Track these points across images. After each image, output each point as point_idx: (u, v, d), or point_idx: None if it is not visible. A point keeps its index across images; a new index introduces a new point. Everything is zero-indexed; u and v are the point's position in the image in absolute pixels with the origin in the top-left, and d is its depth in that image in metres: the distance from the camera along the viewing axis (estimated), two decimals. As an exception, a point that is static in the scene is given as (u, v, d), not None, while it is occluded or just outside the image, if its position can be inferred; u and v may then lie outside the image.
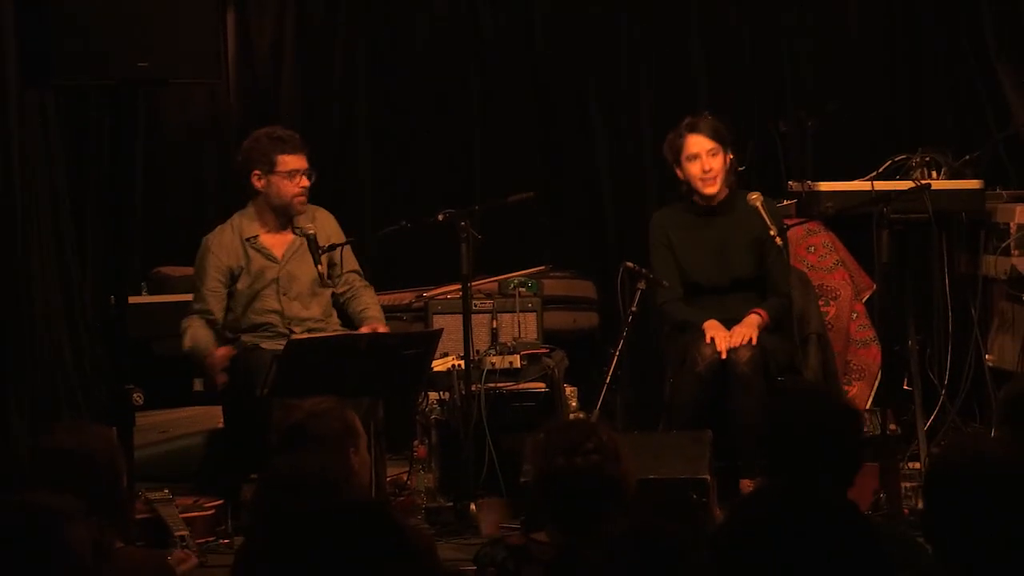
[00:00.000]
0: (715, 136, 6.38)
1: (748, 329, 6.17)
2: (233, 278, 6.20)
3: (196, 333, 6.12)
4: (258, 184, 6.18)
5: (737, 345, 6.11)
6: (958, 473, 2.96)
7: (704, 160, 6.38)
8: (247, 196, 6.29)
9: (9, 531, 2.85)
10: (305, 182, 6.17)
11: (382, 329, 6.19)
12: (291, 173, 6.14)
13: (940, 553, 2.94)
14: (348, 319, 6.40)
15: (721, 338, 6.14)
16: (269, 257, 6.22)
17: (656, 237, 6.54)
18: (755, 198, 6.31)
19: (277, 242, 6.24)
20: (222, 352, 6.02)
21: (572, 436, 3.69)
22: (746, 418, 6.02)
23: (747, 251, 6.38)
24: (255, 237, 6.21)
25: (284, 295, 6.21)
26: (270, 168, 6.14)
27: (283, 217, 6.21)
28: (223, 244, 6.22)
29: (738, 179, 6.55)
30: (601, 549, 2.70)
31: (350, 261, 6.38)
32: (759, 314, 6.26)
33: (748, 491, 5.98)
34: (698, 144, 6.39)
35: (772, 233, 6.15)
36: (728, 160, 6.41)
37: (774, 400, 4.10)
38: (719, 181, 6.39)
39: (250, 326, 6.21)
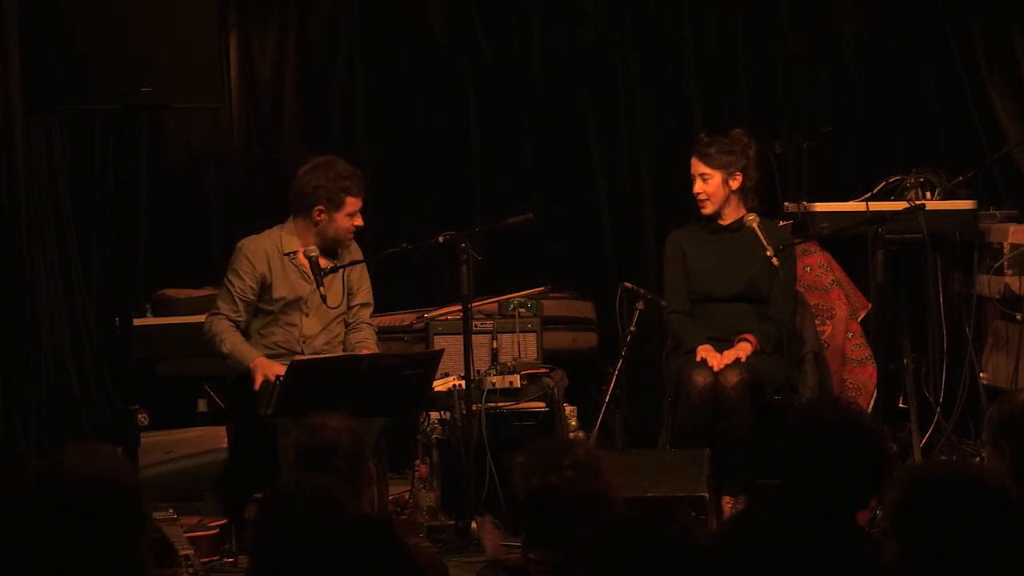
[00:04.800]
0: (708, 161, 6.46)
1: (737, 353, 6.27)
2: (263, 287, 6.23)
3: (234, 338, 6.13)
4: (318, 217, 6.21)
5: (726, 364, 6.22)
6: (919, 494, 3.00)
7: (696, 183, 6.48)
8: (285, 212, 6.32)
9: (93, 496, 2.98)
10: (360, 221, 6.24)
11: None
12: (352, 213, 6.22)
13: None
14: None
15: (714, 358, 6.24)
16: (304, 276, 6.26)
17: (671, 253, 6.63)
18: (751, 219, 6.40)
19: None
20: (262, 360, 6.05)
21: (548, 456, 3.72)
22: (731, 439, 6.12)
23: (752, 267, 6.44)
24: (294, 253, 6.26)
25: (306, 315, 6.25)
26: (336, 207, 6.20)
27: (328, 247, 6.26)
28: (258, 252, 6.22)
29: (757, 199, 6.61)
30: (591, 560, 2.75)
31: (365, 294, 6.42)
32: (749, 341, 6.34)
33: (732, 508, 6.06)
34: (693, 167, 6.50)
35: (768, 254, 6.23)
36: (733, 183, 6.46)
37: (802, 412, 4.08)
38: (710, 204, 6.47)
39: (264, 336, 6.24)
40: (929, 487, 2.93)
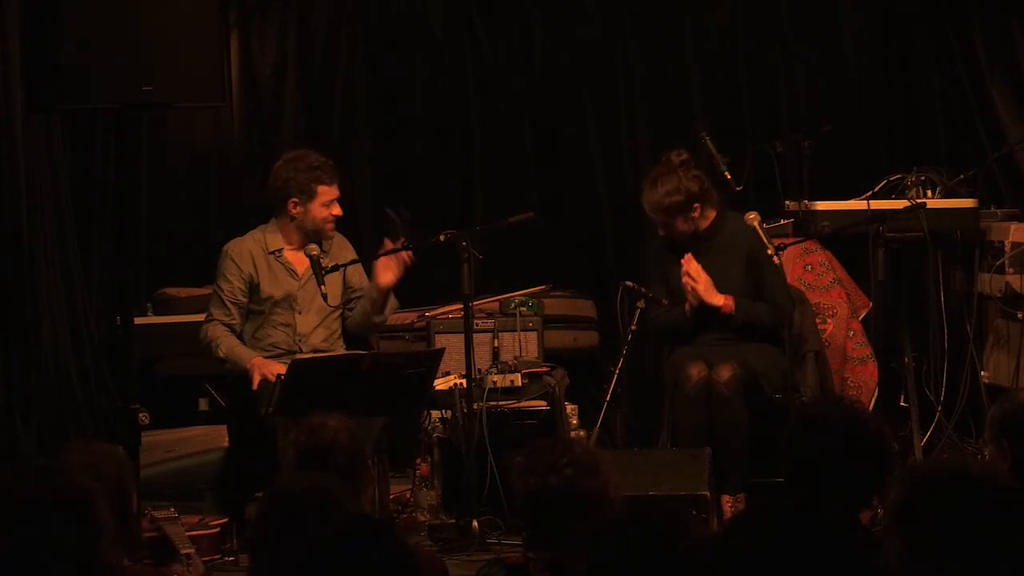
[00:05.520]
0: (665, 216, 6.38)
1: (714, 297, 6.28)
2: (252, 288, 6.25)
3: (229, 341, 6.15)
4: (294, 211, 6.23)
5: (700, 290, 6.25)
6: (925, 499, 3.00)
7: (661, 231, 6.45)
8: (270, 212, 6.34)
9: (44, 506, 2.94)
10: (338, 210, 6.24)
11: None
12: (326, 203, 6.22)
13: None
14: (353, 342, 6.44)
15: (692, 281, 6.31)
16: (291, 273, 6.27)
17: (651, 264, 6.63)
18: (752, 218, 6.36)
19: (298, 260, 6.29)
20: (259, 360, 6.07)
21: (547, 456, 3.70)
22: (726, 436, 6.12)
23: (734, 270, 6.41)
24: (279, 251, 6.27)
25: (299, 312, 6.26)
26: (309, 197, 6.21)
27: (311, 240, 6.27)
28: (243, 253, 6.25)
29: (728, 199, 6.59)
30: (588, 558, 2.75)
31: (364, 283, 6.42)
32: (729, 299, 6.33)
33: (732, 507, 6.06)
34: (651, 214, 6.44)
35: (769, 252, 6.20)
36: (695, 214, 6.40)
37: (805, 411, 4.08)
38: (687, 234, 6.42)
39: (260, 339, 6.25)
40: (931, 486, 2.92)
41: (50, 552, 2.94)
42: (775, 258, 6.18)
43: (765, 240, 6.24)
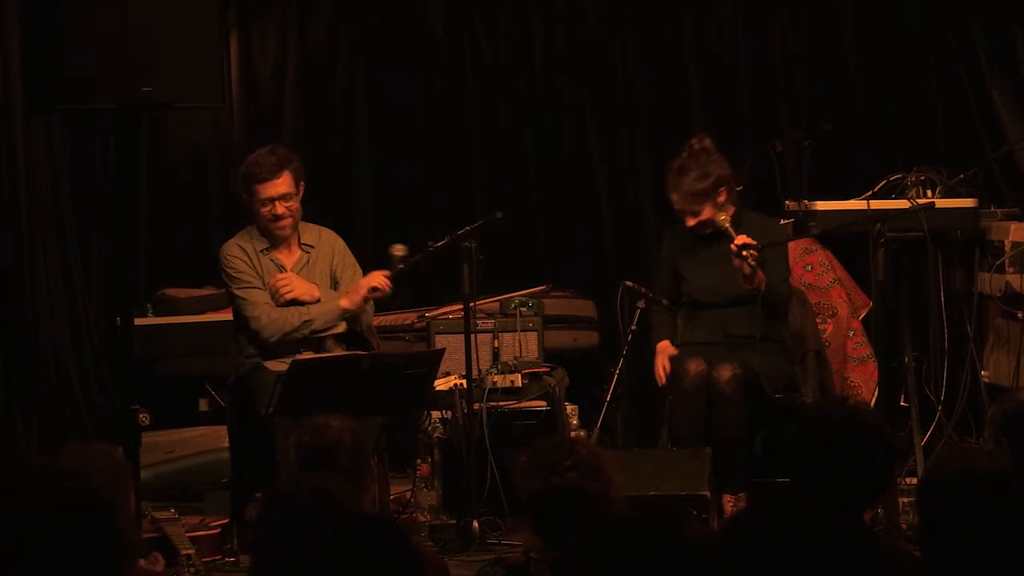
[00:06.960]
0: (694, 200, 6.31)
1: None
2: None
3: (301, 310, 6.12)
4: (246, 206, 6.25)
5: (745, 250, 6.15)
6: (950, 486, 3.01)
7: (687, 220, 6.39)
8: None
9: (64, 512, 2.93)
10: (279, 209, 6.18)
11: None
12: (263, 201, 6.18)
13: (934, 565, 2.98)
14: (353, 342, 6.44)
15: (661, 361, 6.34)
16: (280, 268, 6.26)
17: (665, 251, 6.64)
18: (723, 219, 6.32)
19: (286, 256, 6.28)
20: (350, 293, 6.12)
21: (550, 456, 3.70)
22: (727, 435, 6.11)
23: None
24: (267, 248, 6.27)
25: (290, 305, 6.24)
26: (249, 196, 6.20)
27: (273, 238, 6.26)
28: (237, 248, 6.23)
29: (741, 197, 6.59)
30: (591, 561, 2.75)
31: (352, 271, 6.38)
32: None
33: (733, 506, 6.05)
34: (679, 203, 6.37)
35: (732, 248, 6.16)
36: (720, 199, 6.38)
37: (807, 411, 4.07)
38: (708, 225, 6.39)
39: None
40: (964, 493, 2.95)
41: (71, 560, 2.93)
42: (736, 259, 6.13)
43: (732, 234, 6.21)
